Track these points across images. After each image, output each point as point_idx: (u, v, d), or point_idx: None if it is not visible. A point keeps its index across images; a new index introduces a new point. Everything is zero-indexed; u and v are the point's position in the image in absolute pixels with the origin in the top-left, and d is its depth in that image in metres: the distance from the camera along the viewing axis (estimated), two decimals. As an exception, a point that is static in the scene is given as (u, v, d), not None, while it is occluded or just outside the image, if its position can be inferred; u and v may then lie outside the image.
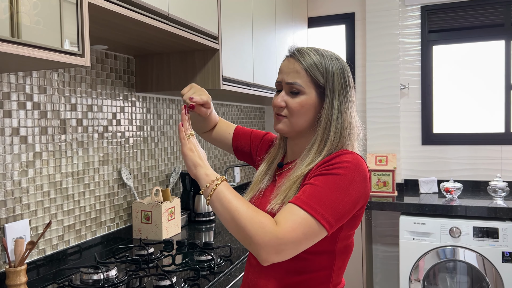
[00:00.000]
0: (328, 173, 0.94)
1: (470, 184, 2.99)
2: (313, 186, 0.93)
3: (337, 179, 0.93)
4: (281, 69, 1.07)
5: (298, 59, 1.03)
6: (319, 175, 0.95)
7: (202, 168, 0.99)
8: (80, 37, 1.06)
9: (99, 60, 1.73)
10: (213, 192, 0.95)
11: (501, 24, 2.94)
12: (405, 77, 3.13)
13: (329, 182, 0.93)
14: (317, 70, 1.02)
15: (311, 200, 0.91)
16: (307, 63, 1.02)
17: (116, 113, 1.82)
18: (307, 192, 0.93)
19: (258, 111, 3.41)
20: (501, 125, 2.96)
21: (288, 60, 1.06)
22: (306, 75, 1.02)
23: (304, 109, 1.03)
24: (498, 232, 2.39)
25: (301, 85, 1.02)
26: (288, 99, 1.04)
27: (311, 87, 1.02)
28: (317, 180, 0.94)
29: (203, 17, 1.68)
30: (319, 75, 1.02)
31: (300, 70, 1.02)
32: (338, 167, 0.95)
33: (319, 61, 1.02)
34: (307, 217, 0.89)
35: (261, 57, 2.35)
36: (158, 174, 2.11)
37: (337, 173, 0.94)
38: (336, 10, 3.29)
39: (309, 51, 1.04)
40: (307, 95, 1.03)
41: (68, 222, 1.57)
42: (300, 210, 0.90)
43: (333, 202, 0.91)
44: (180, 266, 1.48)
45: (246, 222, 0.89)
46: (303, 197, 0.92)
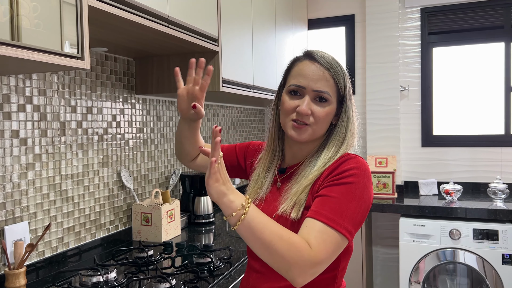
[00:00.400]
0: (341, 182, 0.94)
1: (470, 186, 2.99)
2: (330, 198, 0.93)
3: (351, 188, 0.94)
4: (305, 74, 1.01)
5: (327, 67, 1.01)
6: (332, 185, 0.95)
7: (224, 196, 0.89)
8: (80, 39, 1.06)
9: (99, 62, 1.73)
10: (241, 222, 0.88)
11: (501, 26, 2.94)
12: (405, 79, 3.13)
13: (344, 192, 0.93)
14: (342, 78, 1.02)
15: (333, 214, 0.91)
16: (335, 72, 1.01)
17: (116, 115, 1.82)
18: (326, 205, 0.92)
19: (258, 113, 3.41)
20: (501, 127, 2.96)
21: (313, 65, 1.01)
22: (334, 85, 1.01)
23: (328, 118, 1.03)
24: (498, 234, 2.39)
25: (330, 94, 1.01)
26: (314, 107, 1.01)
27: (335, 97, 1.02)
28: (332, 191, 0.94)
29: (203, 20, 1.68)
30: (342, 85, 1.02)
31: (330, 79, 1.01)
32: (348, 175, 0.95)
33: (340, 70, 1.02)
34: (333, 233, 0.90)
35: (261, 59, 2.36)
36: (158, 176, 2.11)
37: (349, 182, 0.94)
38: (336, 12, 3.29)
39: (331, 58, 1.03)
40: (332, 105, 1.02)
41: (68, 224, 1.57)
42: (326, 227, 0.90)
43: (352, 213, 0.92)
44: (180, 268, 1.48)
45: (283, 251, 0.86)
46: (324, 211, 0.91)
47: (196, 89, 1.12)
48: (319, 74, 1.00)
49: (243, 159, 1.26)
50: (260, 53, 2.34)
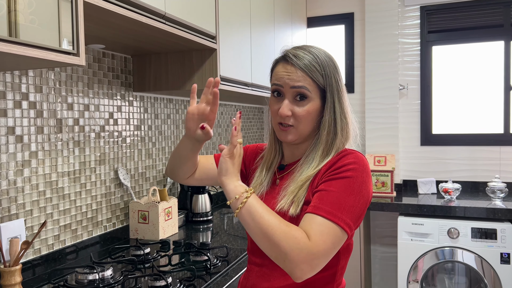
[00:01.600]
0: (339, 177, 0.95)
1: (469, 185, 2.99)
2: (329, 192, 0.93)
3: (350, 182, 0.94)
4: (279, 75, 1.02)
5: (296, 63, 0.99)
6: (330, 180, 0.95)
7: (232, 178, 0.95)
8: (75, 36, 1.05)
9: (96, 59, 1.72)
10: (243, 205, 0.92)
11: (500, 24, 2.93)
12: (404, 77, 3.13)
13: (343, 186, 0.94)
14: (318, 73, 0.99)
15: (332, 208, 0.91)
16: (307, 66, 0.99)
17: (113, 112, 1.82)
18: (325, 199, 0.93)
19: (257, 111, 3.40)
20: (500, 126, 2.96)
21: (286, 64, 1.01)
22: (311, 81, 0.99)
23: (311, 116, 1.01)
24: (496, 233, 2.39)
25: (308, 89, 0.99)
26: (294, 108, 1.00)
27: (315, 91, 1.00)
28: (331, 185, 0.94)
29: (201, 17, 1.67)
30: (319, 77, 0.99)
31: (302, 74, 0.99)
32: (347, 169, 0.95)
33: (317, 62, 1.00)
34: (332, 226, 0.90)
35: (260, 57, 2.35)
36: (155, 174, 2.10)
37: (348, 176, 0.94)
38: (336, 10, 3.28)
39: (304, 53, 1.01)
40: (313, 101, 1.00)
41: (64, 221, 1.56)
42: (325, 220, 0.90)
43: (351, 206, 0.92)
44: (176, 266, 1.47)
45: (280, 238, 0.87)
46: (323, 205, 0.92)
47: (207, 109, 1.09)
48: (293, 72, 0.99)
49: (244, 164, 1.24)
50: (259, 50, 2.33)
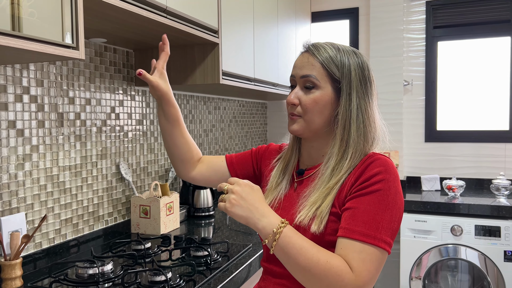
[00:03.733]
0: (369, 191, 0.88)
1: (473, 182, 2.96)
2: (361, 211, 0.87)
3: (382, 196, 0.88)
4: (295, 64, 1.02)
5: (313, 52, 0.98)
6: (360, 196, 0.89)
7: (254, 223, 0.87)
8: (75, 29, 1.04)
9: (97, 53, 1.72)
10: (274, 248, 0.85)
11: (507, 20, 2.89)
12: (409, 73, 3.10)
13: (375, 201, 0.87)
14: (332, 63, 0.96)
15: (367, 229, 0.85)
16: (322, 56, 0.97)
17: (115, 107, 1.81)
18: (358, 219, 0.86)
19: (260, 106, 3.39)
20: (506, 123, 2.93)
21: (302, 55, 1.01)
22: (322, 68, 0.96)
23: (319, 106, 0.97)
24: (500, 231, 2.37)
25: (316, 77, 0.96)
26: (301, 96, 0.98)
27: (326, 81, 0.96)
28: (361, 202, 0.88)
29: (203, 11, 1.66)
30: (334, 68, 0.96)
31: (315, 63, 0.97)
32: (376, 181, 0.89)
33: (334, 54, 0.97)
34: (373, 251, 0.85)
35: (263, 51, 2.33)
36: (157, 169, 2.10)
37: (379, 189, 0.88)
38: (340, 5, 3.25)
39: (324, 45, 0.99)
40: (322, 90, 0.97)
41: (65, 216, 1.57)
42: (363, 245, 0.84)
43: (388, 222, 0.87)
44: (177, 261, 1.47)
45: (321, 277, 0.83)
46: (357, 227, 0.86)
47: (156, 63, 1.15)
48: (305, 61, 0.99)
49: (256, 164, 1.21)
50: (262, 45, 2.32)
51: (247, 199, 0.87)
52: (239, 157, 1.22)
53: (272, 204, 1.05)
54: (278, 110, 3.50)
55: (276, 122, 3.50)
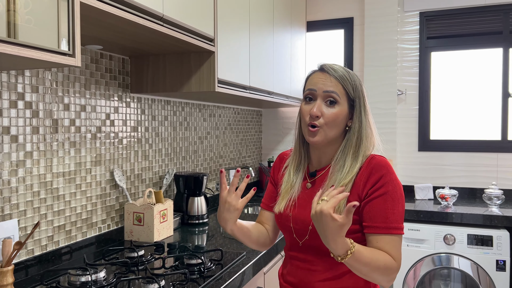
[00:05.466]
0: (381, 193, 1.09)
1: (466, 191, 2.99)
2: (381, 211, 1.08)
3: (391, 195, 1.09)
4: (314, 81, 1.14)
5: (332, 73, 1.13)
6: (375, 198, 1.09)
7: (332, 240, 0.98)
8: (71, 37, 1.05)
9: (93, 60, 1.72)
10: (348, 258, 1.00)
11: (499, 31, 2.94)
12: (402, 82, 3.13)
13: (388, 200, 1.08)
14: (348, 83, 1.13)
15: (389, 223, 1.08)
16: (340, 76, 1.13)
17: (110, 113, 1.81)
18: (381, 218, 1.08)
19: (256, 114, 3.40)
20: (498, 133, 2.96)
21: (320, 73, 1.15)
22: (342, 87, 1.13)
23: (338, 120, 1.13)
24: (492, 240, 2.38)
25: (338, 94, 1.12)
26: (324, 109, 1.12)
27: (345, 99, 1.13)
28: (379, 204, 1.08)
29: (199, 19, 1.67)
30: (350, 88, 1.13)
31: (336, 82, 1.12)
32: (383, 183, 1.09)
33: (348, 75, 1.14)
34: (397, 238, 1.08)
35: (258, 60, 2.35)
36: (151, 176, 2.09)
37: (388, 190, 1.09)
38: (335, 15, 3.29)
39: (336, 66, 1.15)
40: (341, 106, 1.13)
41: (58, 222, 1.56)
42: (392, 236, 1.08)
43: (399, 212, 1.09)
44: (170, 269, 1.47)
45: (381, 278, 1.05)
46: (380, 224, 1.08)
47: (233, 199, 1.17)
48: (328, 79, 1.13)
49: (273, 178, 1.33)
50: (257, 54, 2.33)
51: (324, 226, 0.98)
52: (268, 197, 1.33)
53: (287, 205, 1.19)
54: (273, 118, 3.51)
55: (271, 129, 3.51)
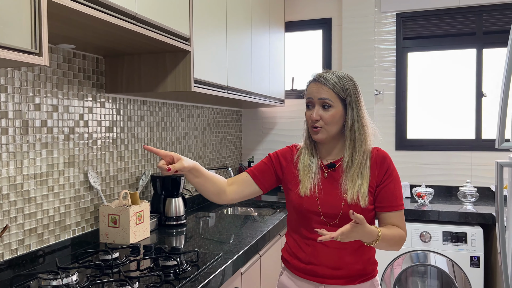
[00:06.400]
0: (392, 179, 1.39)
1: (442, 189, 3.04)
2: (392, 192, 1.39)
3: (395, 178, 1.41)
4: (310, 91, 1.40)
5: (323, 82, 1.37)
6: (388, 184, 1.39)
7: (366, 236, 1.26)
8: (38, 35, 1.02)
9: (66, 59, 1.69)
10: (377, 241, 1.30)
11: (473, 33, 3.00)
12: (380, 83, 3.17)
13: (396, 184, 1.40)
14: (339, 88, 1.36)
15: (398, 201, 1.40)
16: (331, 84, 1.36)
17: (83, 114, 1.78)
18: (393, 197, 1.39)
19: (235, 114, 3.39)
20: (472, 132, 3.02)
21: (314, 83, 1.39)
22: (333, 92, 1.36)
23: (335, 119, 1.37)
24: (466, 237, 2.43)
25: (330, 99, 1.36)
26: (322, 113, 1.37)
27: (337, 101, 1.36)
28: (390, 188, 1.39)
29: (174, 18, 1.66)
30: (341, 91, 1.36)
31: (327, 89, 1.36)
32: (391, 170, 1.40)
33: (338, 81, 1.37)
34: (402, 212, 1.42)
35: (236, 60, 2.34)
36: (127, 177, 2.07)
37: (395, 175, 1.40)
38: (314, 15, 3.31)
39: (329, 75, 1.38)
40: (335, 108, 1.36)
41: (30, 225, 1.52)
42: (401, 212, 1.40)
43: (401, 192, 1.42)
44: (145, 271, 1.45)
45: (398, 245, 1.37)
46: (395, 203, 1.39)
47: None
48: (319, 88, 1.37)
49: (280, 168, 1.51)
50: (235, 54, 2.33)
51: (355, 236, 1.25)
52: (259, 169, 1.51)
53: (312, 190, 1.41)
54: (253, 118, 3.51)
55: (251, 129, 3.51)
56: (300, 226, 1.45)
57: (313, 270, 1.42)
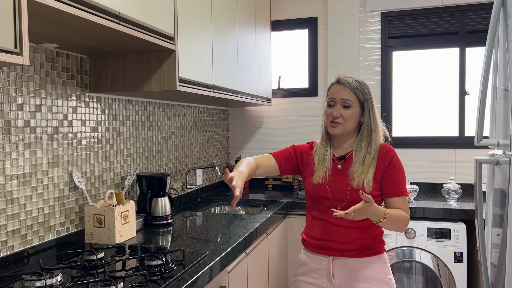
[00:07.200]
0: (396, 169, 1.60)
1: (427, 186, 3.09)
2: (396, 180, 1.59)
3: (400, 168, 1.61)
4: (333, 91, 1.61)
5: (346, 85, 1.59)
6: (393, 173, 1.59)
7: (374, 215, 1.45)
8: (18, 34, 1.01)
9: (49, 58, 1.67)
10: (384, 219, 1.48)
11: (456, 32, 3.05)
12: (365, 81, 3.18)
13: (400, 173, 1.61)
14: (359, 91, 1.59)
15: (402, 188, 1.60)
16: (352, 86, 1.59)
17: (67, 113, 1.77)
18: (398, 185, 1.59)
19: (222, 113, 3.39)
20: (456, 129, 3.07)
21: (338, 85, 1.61)
22: (354, 95, 1.58)
23: (353, 117, 1.59)
24: (450, 233, 2.48)
25: (351, 100, 1.58)
26: (343, 111, 1.58)
27: (356, 103, 1.59)
28: (394, 176, 1.59)
29: (158, 17, 1.65)
30: (360, 95, 1.59)
31: (350, 92, 1.59)
32: (395, 162, 1.60)
33: (359, 86, 1.60)
34: (406, 197, 1.61)
35: (222, 59, 2.34)
36: (113, 177, 2.06)
37: (398, 166, 1.61)
38: (300, 14, 3.32)
39: (351, 80, 1.61)
40: (354, 108, 1.59)
41: (13, 227, 1.51)
42: (404, 197, 1.60)
43: (404, 180, 1.62)
44: (130, 271, 1.44)
45: (402, 227, 1.57)
46: (399, 190, 1.59)
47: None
48: (343, 90, 1.59)
49: (301, 157, 1.74)
50: (221, 53, 2.33)
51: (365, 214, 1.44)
52: (282, 154, 1.75)
53: (324, 178, 1.63)
54: (241, 117, 3.51)
55: (238, 128, 3.52)
56: (314, 209, 1.69)
57: (324, 245, 1.64)
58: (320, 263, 1.66)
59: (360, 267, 1.61)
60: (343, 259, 1.62)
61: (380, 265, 1.63)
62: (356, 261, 1.61)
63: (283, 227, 2.69)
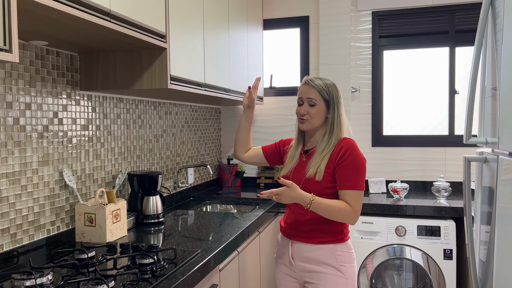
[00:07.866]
0: (347, 163, 1.68)
1: (417, 184, 3.12)
2: (347, 173, 1.67)
3: (354, 162, 1.68)
4: (301, 91, 1.78)
5: (311, 85, 1.74)
6: (343, 166, 1.68)
7: (298, 198, 1.65)
8: (7, 31, 1.01)
9: (38, 56, 1.66)
10: (311, 204, 1.65)
11: (446, 31, 3.08)
12: (357, 80, 3.21)
13: (351, 166, 1.67)
14: (324, 90, 1.74)
15: (353, 182, 1.67)
16: (318, 87, 1.73)
17: (58, 111, 1.75)
18: (347, 178, 1.67)
19: (214, 112, 3.39)
20: (446, 128, 3.10)
21: (305, 85, 1.77)
22: (318, 94, 1.73)
23: (318, 114, 1.74)
24: (440, 231, 2.50)
25: (315, 99, 1.73)
26: (309, 109, 1.74)
27: (321, 101, 1.74)
28: (345, 169, 1.67)
29: (149, 15, 1.65)
30: (325, 94, 1.74)
31: (314, 91, 1.74)
32: (348, 155, 1.68)
33: (324, 86, 1.74)
34: (358, 193, 1.68)
35: (214, 57, 2.34)
36: (104, 175, 2.04)
37: (351, 160, 1.68)
38: (291, 13, 3.33)
39: (318, 80, 1.75)
40: (319, 106, 1.74)
41: (2, 226, 1.49)
42: (353, 191, 1.67)
43: (362, 174, 1.69)
44: (121, 270, 1.44)
45: (338, 216, 1.67)
46: (347, 183, 1.67)
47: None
48: (309, 90, 1.75)
49: (282, 150, 1.97)
50: (213, 51, 2.33)
51: (288, 198, 1.65)
52: (269, 148, 2.01)
53: (290, 171, 1.81)
54: (233, 115, 3.51)
55: (230, 127, 3.51)
56: None
57: (287, 230, 1.85)
58: (285, 246, 1.86)
59: (312, 252, 1.75)
60: (299, 244, 1.79)
61: (332, 252, 1.74)
62: (309, 247, 1.76)
63: (275, 225, 2.69)
